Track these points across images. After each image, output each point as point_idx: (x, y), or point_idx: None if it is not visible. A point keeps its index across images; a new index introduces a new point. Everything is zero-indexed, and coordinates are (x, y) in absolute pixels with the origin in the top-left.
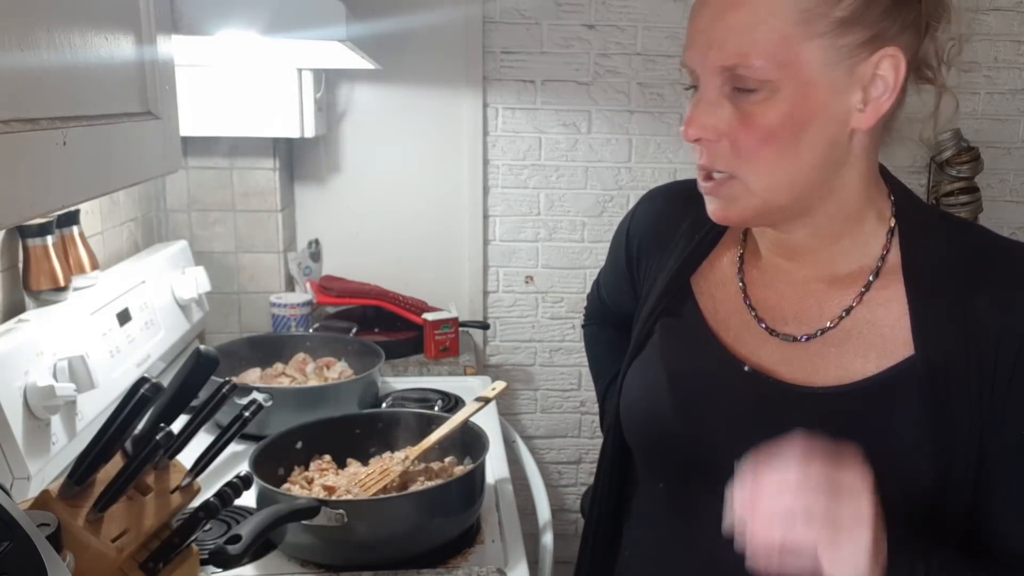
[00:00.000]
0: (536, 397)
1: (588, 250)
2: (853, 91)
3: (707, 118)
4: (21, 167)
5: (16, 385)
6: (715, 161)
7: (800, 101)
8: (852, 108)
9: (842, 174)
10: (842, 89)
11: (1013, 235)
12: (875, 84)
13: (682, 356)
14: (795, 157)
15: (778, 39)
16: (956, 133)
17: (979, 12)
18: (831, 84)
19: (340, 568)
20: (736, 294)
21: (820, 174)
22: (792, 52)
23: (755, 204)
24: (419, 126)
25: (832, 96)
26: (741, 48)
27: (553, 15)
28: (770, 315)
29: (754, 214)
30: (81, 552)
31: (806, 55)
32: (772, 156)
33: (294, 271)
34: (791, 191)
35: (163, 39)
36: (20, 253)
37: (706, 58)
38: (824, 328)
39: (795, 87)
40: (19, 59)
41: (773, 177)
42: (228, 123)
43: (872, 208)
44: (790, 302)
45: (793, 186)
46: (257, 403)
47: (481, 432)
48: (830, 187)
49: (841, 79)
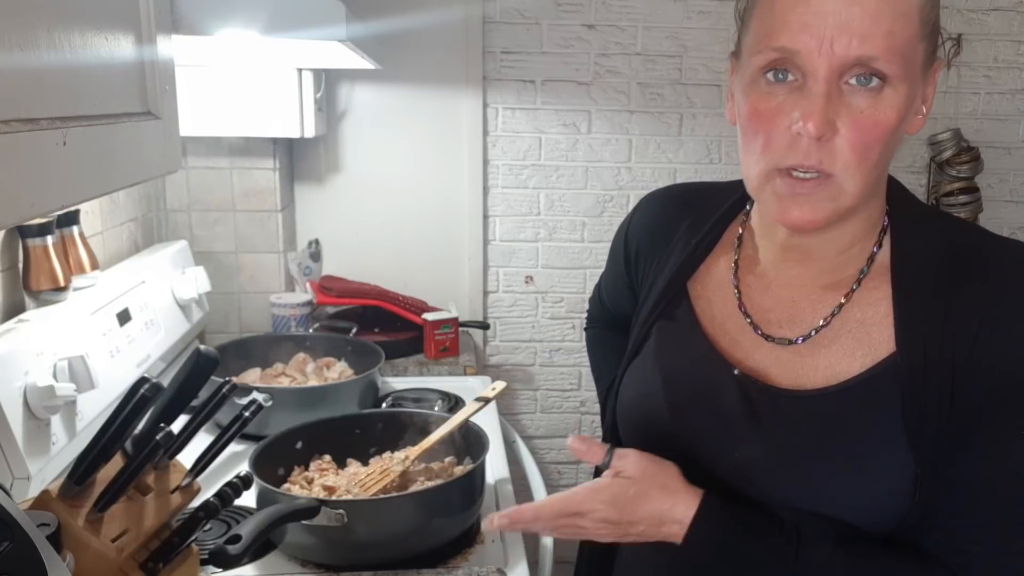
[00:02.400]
0: (536, 397)
1: (588, 250)
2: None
3: (831, 113)
4: (21, 167)
5: (16, 385)
6: (826, 160)
7: (908, 101)
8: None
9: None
10: (918, 93)
11: (1013, 235)
12: (929, 90)
13: (677, 359)
14: (887, 159)
15: (911, 35)
16: (956, 133)
17: (979, 12)
18: (918, 86)
19: (340, 568)
20: (731, 299)
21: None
22: (915, 50)
23: (844, 207)
24: (419, 126)
25: (913, 100)
26: (883, 39)
27: (553, 15)
28: (764, 320)
29: (829, 216)
30: (81, 552)
31: (919, 55)
32: (877, 156)
33: (294, 271)
34: (867, 192)
35: (163, 39)
36: (20, 253)
37: (833, 45)
38: (817, 327)
39: (908, 86)
40: (19, 59)
41: (868, 178)
42: (228, 123)
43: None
44: (785, 306)
45: (872, 187)
46: (257, 403)
47: (481, 432)
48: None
49: (920, 82)
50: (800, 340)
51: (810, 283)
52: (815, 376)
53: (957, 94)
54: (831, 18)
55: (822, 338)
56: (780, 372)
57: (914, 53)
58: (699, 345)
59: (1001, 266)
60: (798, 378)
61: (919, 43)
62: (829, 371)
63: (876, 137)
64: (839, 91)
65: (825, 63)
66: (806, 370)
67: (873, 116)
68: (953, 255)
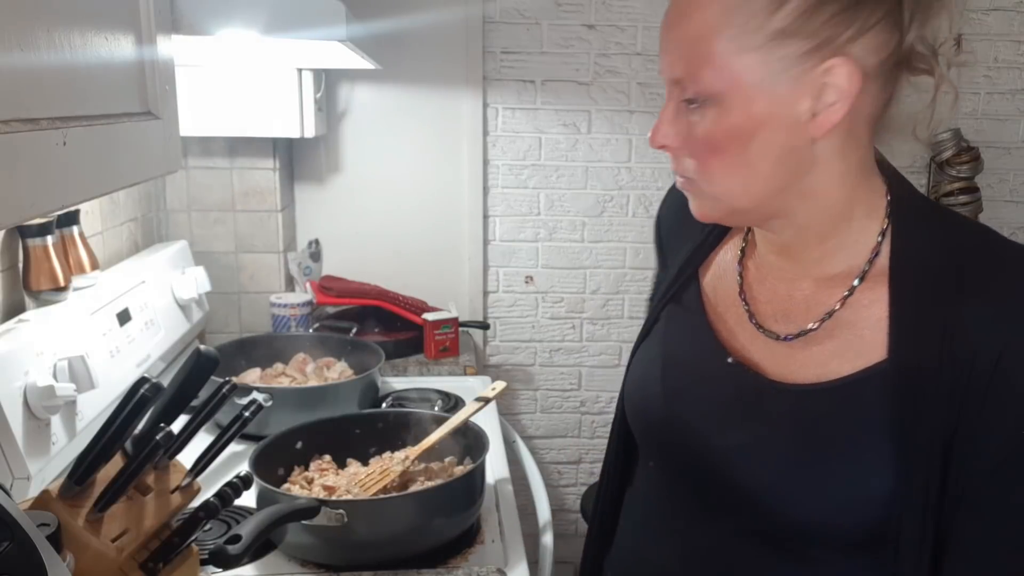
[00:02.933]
0: (536, 397)
1: (588, 250)
2: (801, 100)
3: (667, 127)
4: (21, 167)
5: (16, 385)
6: (681, 169)
7: (742, 113)
8: (802, 117)
9: (814, 178)
10: (787, 99)
11: (1013, 235)
12: (826, 92)
13: (678, 343)
14: (745, 166)
15: (716, 53)
16: (956, 133)
17: (979, 12)
18: (773, 95)
19: (340, 568)
20: (734, 286)
21: (781, 180)
22: (731, 66)
23: (719, 206)
24: (419, 126)
25: (777, 107)
26: (684, 62)
27: (553, 15)
28: (760, 310)
29: (722, 214)
30: (81, 552)
31: (744, 68)
32: (721, 166)
33: (294, 271)
34: (750, 196)
35: (163, 39)
36: (20, 253)
37: (663, 69)
38: (806, 330)
39: (737, 100)
40: (19, 59)
41: (725, 184)
42: (228, 123)
43: (861, 207)
44: (780, 299)
45: (750, 192)
46: (257, 403)
47: (481, 432)
48: (803, 191)
49: (785, 89)
50: (790, 338)
51: (800, 276)
52: (805, 372)
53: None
54: (661, 45)
55: (813, 337)
56: (772, 364)
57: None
58: (700, 332)
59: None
60: (790, 372)
61: (743, 56)
62: (820, 369)
63: (706, 149)
64: (686, 109)
65: (667, 84)
66: (797, 365)
67: (702, 131)
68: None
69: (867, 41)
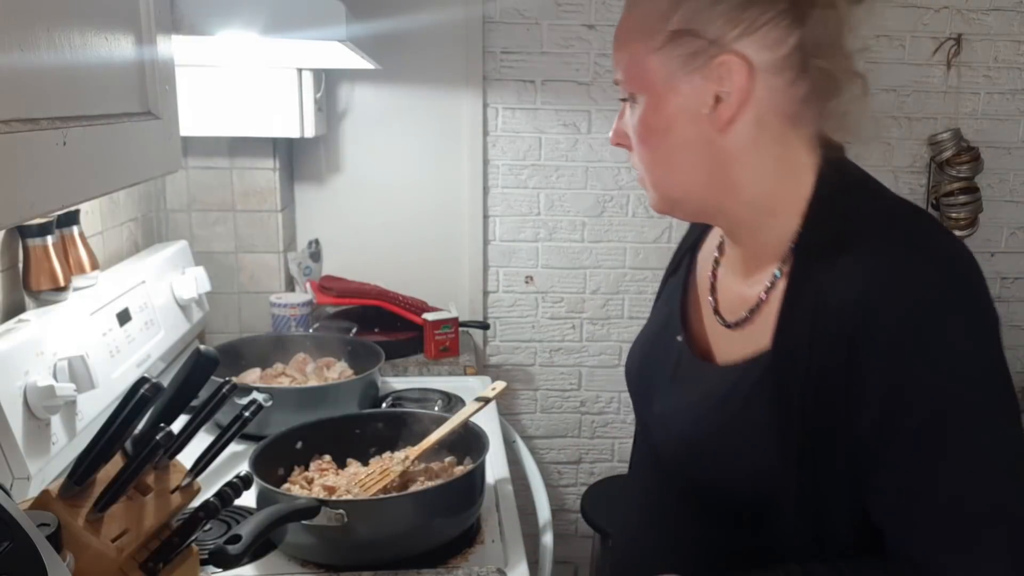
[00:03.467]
0: (536, 397)
1: (588, 250)
2: (701, 95)
3: (617, 124)
4: (21, 167)
5: (16, 385)
6: (631, 161)
7: (656, 109)
8: (704, 110)
9: (735, 172)
10: (689, 95)
11: (1013, 235)
12: (723, 86)
13: (658, 319)
14: (668, 157)
15: (632, 55)
16: (956, 133)
17: (979, 12)
18: (678, 90)
19: (340, 568)
20: (708, 276)
21: (702, 171)
22: (642, 66)
23: (658, 197)
24: (419, 126)
25: (683, 102)
26: (619, 65)
27: (553, 15)
28: (721, 299)
29: (665, 205)
30: (81, 552)
31: (652, 67)
32: (651, 158)
33: (294, 271)
34: (678, 187)
35: (163, 39)
36: (20, 253)
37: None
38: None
39: (650, 96)
40: (19, 59)
41: (656, 175)
42: (228, 123)
43: (784, 203)
44: (733, 289)
45: (678, 182)
46: (257, 403)
47: (481, 432)
48: (726, 184)
49: (687, 85)
50: (732, 325)
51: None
52: (733, 355)
53: (957, 94)
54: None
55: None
56: (719, 348)
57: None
58: (674, 309)
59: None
60: (726, 355)
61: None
62: (741, 352)
63: (637, 143)
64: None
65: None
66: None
67: (632, 126)
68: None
69: (758, 39)
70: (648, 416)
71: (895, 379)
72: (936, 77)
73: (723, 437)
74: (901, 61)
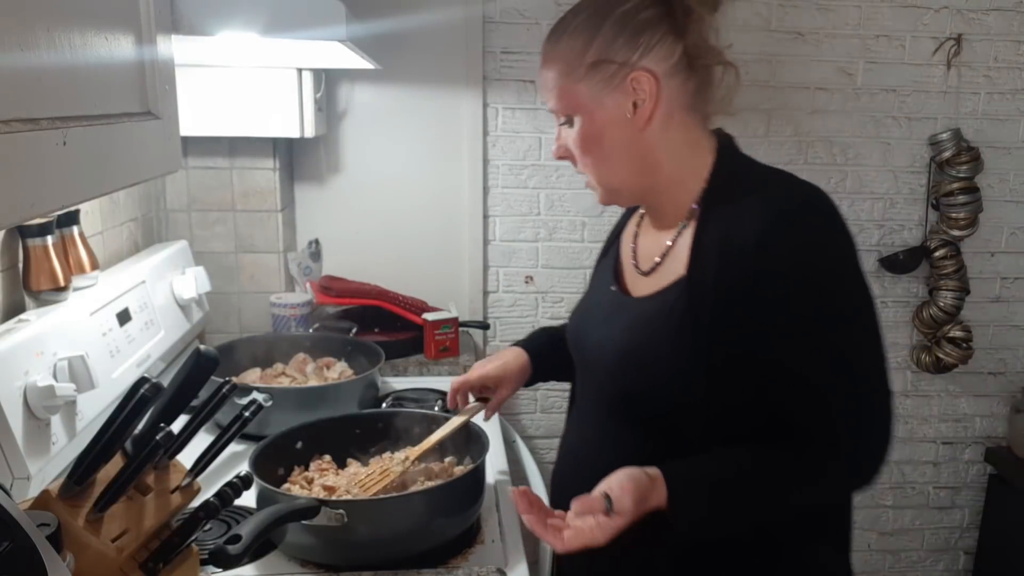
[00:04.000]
0: (536, 397)
1: (588, 250)
2: (623, 105)
3: (558, 142)
4: (21, 167)
5: (16, 385)
6: (577, 168)
7: (588, 123)
8: (627, 116)
9: (654, 157)
10: (614, 107)
11: (1013, 235)
12: (638, 96)
13: (593, 288)
14: (605, 159)
15: (561, 88)
16: (956, 133)
17: (979, 12)
18: (604, 106)
19: (340, 568)
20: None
21: (634, 163)
22: (573, 94)
23: (603, 191)
24: (419, 126)
25: (610, 113)
26: (552, 96)
27: (553, 15)
28: (639, 256)
29: (611, 197)
30: (81, 552)
31: (580, 92)
32: (592, 162)
33: (294, 271)
34: (618, 179)
35: (163, 39)
36: (20, 253)
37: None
38: (655, 264)
39: (584, 115)
40: (19, 59)
41: (600, 175)
42: (228, 123)
43: (690, 173)
44: (649, 247)
45: (617, 176)
46: (257, 403)
47: (481, 432)
48: (650, 167)
49: (610, 100)
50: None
51: (659, 228)
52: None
53: (957, 94)
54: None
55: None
56: (635, 290)
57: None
58: (607, 272)
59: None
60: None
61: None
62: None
63: (579, 153)
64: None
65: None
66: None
67: (572, 141)
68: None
69: (655, 55)
70: (586, 350)
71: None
72: (936, 77)
73: (648, 346)
74: (901, 61)
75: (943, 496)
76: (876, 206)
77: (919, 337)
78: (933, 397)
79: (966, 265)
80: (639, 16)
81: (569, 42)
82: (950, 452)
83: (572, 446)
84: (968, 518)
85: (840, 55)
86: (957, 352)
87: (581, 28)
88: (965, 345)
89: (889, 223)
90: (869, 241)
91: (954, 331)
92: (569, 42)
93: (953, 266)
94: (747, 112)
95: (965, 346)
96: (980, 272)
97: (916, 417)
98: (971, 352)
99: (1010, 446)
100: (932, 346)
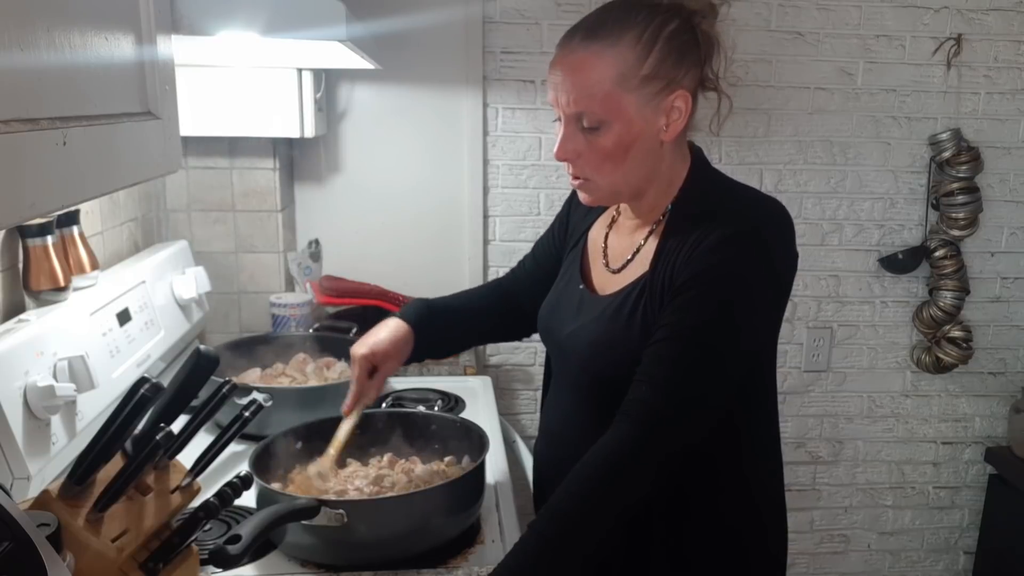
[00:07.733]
0: (536, 397)
1: None
2: (659, 119)
3: (568, 144)
4: (21, 167)
5: (16, 385)
6: (577, 171)
7: (625, 132)
8: (659, 130)
9: (661, 165)
10: (651, 120)
11: (1013, 235)
12: (673, 112)
13: (562, 281)
14: (625, 166)
15: (606, 94)
16: (956, 133)
17: (979, 12)
18: (644, 118)
19: (340, 568)
20: (601, 242)
21: (645, 173)
22: (616, 102)
23: (605, 194)
24: (419, 126)
25: (645, 126)
26: (582, 101)
27: (553, 15)
28: (610, 255)
29: (607, 198)
30: (81, 552)
31: (626, 103)
32: (611, 168)
33: (294, 271)
34: (627, 184)
35: (163, 39)
36: (20, 253)
37: (561, 105)
38: (626, 262)
39: (621, 124)
40: (19, 59)
41: (613, 180)
42: (228, 123)
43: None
44: (621, 247)
45: (628, 183)
46: (257, 403)
47: (481, 432)
48: (655, 174)
49: (650, 114)
50: (617, 269)
51: (628, 230)
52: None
53: (957, 94)
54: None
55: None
56: (605, 287)
57: (619, 103)
58: (576, 270)
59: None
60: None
61: (625, 95)
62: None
63: (601, 158)
64: (580, 130)
65: (562, 115)
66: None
67: (595, 146)
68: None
69: (691, 76)
70: (560, 339)
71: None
72: (936, 77)
73: (616, 332)
74: (901, 61)
75: (943, 496)
76: (876, 206)
77: (919, 337)
78: (933, 397)
79: (966, 265)
80: (683, 38)
81: (623, 51)
82: (950, 452)
83: (551, 426)
84: (968, 518)
85: (840, 55)
86: (957, 352)
87: (633, 40)
88: (965, 345)
89: (889, 223)
90: (869, 241)
91: (954, 331)
92: (623, 51)
93: (953, 266)
94: (747, 112)
95: (965, 346)
96: (980, 272)
97: (916, 417)
98: (971, 352)
99: (1010, 446)
100: (932, 346)
